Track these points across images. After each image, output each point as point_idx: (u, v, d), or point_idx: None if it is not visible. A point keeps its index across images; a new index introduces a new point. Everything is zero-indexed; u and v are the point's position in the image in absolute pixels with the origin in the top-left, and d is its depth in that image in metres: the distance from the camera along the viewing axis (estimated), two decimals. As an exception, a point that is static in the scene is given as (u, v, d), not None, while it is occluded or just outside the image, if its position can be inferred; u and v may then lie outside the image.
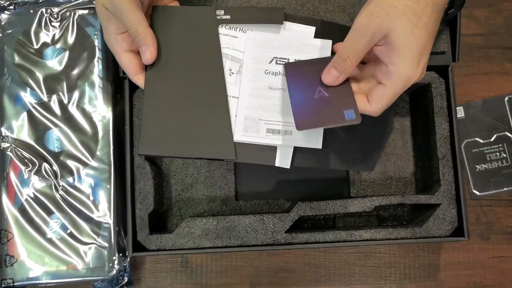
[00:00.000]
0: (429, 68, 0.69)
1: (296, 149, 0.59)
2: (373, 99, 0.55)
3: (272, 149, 0.58)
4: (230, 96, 0.58)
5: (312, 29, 0.59)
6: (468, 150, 0.77)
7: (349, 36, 0.54)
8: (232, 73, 0.59)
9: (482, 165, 0.77)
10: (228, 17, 0.59)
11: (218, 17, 0.59)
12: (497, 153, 0.77)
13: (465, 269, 0.75)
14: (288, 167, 0.58)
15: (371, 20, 0.52)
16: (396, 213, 0.74)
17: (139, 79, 0.58)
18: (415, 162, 0.75)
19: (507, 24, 0.79)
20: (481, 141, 0.77)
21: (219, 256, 0.75)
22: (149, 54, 0.57)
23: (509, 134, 0.77)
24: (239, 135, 0.58)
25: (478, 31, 0.79)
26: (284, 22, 0.59)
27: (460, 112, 0.77)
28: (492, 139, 0.77)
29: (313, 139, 0.59)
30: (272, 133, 0.58)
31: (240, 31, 0.59)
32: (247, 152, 0.58)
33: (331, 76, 0.56)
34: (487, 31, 0.79)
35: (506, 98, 0.77)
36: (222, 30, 0.59)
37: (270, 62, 0.59)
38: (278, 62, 0.59)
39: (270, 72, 0.59)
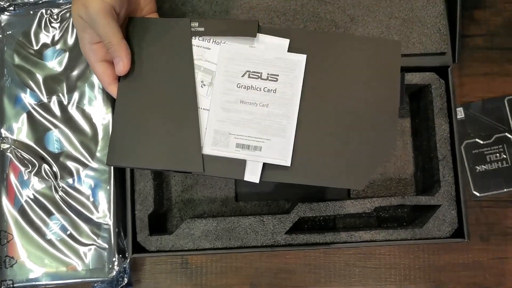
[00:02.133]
0: (429, 69, 0.70)
1: (267, 162, 0.57)
2: None
3: (241, 163, 0.57)
4: (201, 108, 0.58)
5: (286, 42, 0.58)
6: (468, 151, 0.77)
7: None
8: (204, 85, 0.58)
9: (482, 166, 0.77)
10: (202, 29, 0.58)
11: (192, 29, 0.59)
12: (497, 154, 0.77)
13: (465, 270, 0.75)
14: (257, 181, 0.57)
15: None
16: (396, 214, 0.74)
17: (112, 90, 0.58)
18: (415, 163, 0.75)
19: (507, 25, 0.79)
20: (481, 142, 0.77)
21: (219, 257, 0.75)
22: (122, 66, 0.57)
23: (509, 135, 0.77)
24: (208, 149, 0.57)
25: (478, 32, 0.79)
26: (258, 34, 0.58)
27: (460, 113, 0.77)
28: (492, 140, 0.77)
29: (282, 156, 0.57)
30: (242, 148, 0.57)
31: (214, 43, 0.59)
32: (216, 166, 0.57)
33: None
34: (487, 32, 0.79)
35: (506, 99, 0.77)
36: (195, 41, 0.59)
37: (242, 76, 0.58)
38: (250, 76, 0.58)
39: (242, 86, 0.58)
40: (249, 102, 0.58)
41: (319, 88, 0.58)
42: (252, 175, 0.57)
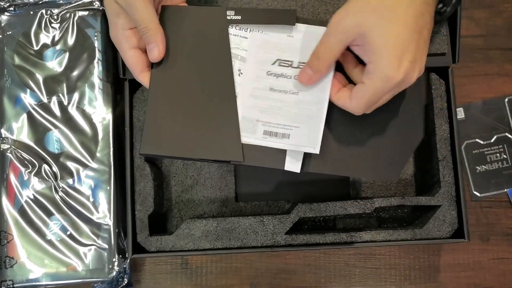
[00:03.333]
0: (429, 69, 0.70)
1: (307, 153, 0.57)
2: (353, 96, 0.54)
3: (282, 152, 0.56)
4: (238, 97, 0.58)
5: (323, 30, 0.56)
6: (469, 151, 0.77)
7: (324, 35, 0.53)
8: (241, 73, 0.58)
9: (483, 166, 0.77)
10: (239, 17, 0.58)
11: (228, 18, 0.58)
12: (497, 154, 0.77)
13: (465, 270, 0.75)
14: (298, 171, 0.56)
15: (344, 18, 0.51)
16: (396, 215, 0.74)
17: (144, 78, 0.57)
18: (415, 164, 0.75)
19: (507, 26, 0.79)
20: (481, 142, 0.77)
21: (219, 258, 0.75)
22: (157, 52, 0.56)
23: (509, 135, 0.77)
24: (244, 137, 0.57)
25: (478, 32, 0.79)
26: (296, 24, 0.58)
27: (460, 113, 0.77)
28: (492, 140, 0.77)
29: (311, 143, 0.56)
30: (269, 135, 0.57)
31: (250, 32, 0.59)
32: (255, 155, 0.56)
33: (305, 75, 0.56)
34: (487, 32, 0.79)
35: (506, 99, 0.77)
36: (232, 30, 0.58)
37: (273, 64, 0.58)
38: (281, 64, 0.58)
39: (272, 73, 0.58)
40: (278, 90, 0.58)
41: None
42: (293, 164, 0.57)
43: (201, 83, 0.57)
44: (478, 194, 0.76)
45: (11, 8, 0.71)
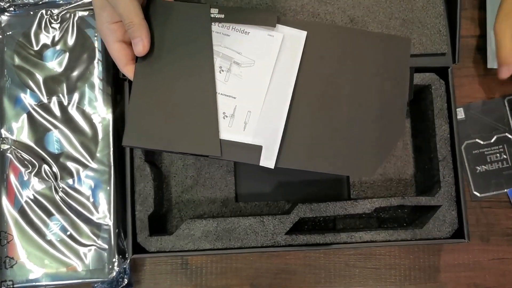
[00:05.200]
0: (429, 69, 0.70)
1: (282, 149, 0.59)
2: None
3: (257, 148, 0.58)
4: (219, 93, 0.59)
5: (303, 33, 0.60)
6: (469, 152, 0.77)
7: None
8: (222, 70, 0.59)
9: (483, 166, 0.77)
10: (222, 16, 0.59)
11: (212, 15, 0.59)
12: (498, 154, 0.77)
13: (465, 270, 0.75)
14: (272, 167, 0.58)
15: None
16: (396, 215, 0.74)
17: (128, 71, 0.58)
18: (415, 164, 0.75)
19: (507, 26, 0.79)
20: (482, 142, 0.77)
21: (219, 258, 0.75)
22: (141, 46, 0.56)
23: (509, 135, 0.77)
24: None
25: (478, 32, 0.78)
26: (277, 25, 0.60)
27: (461, 114, 0.77)
28: (492, 140, 0.77)
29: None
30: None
31: (233, 30, 0.59)
32: (232, 150, 0.58)
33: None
34: (486, 33, 0.78)
35: (506, 99, 0.77)
36: (215, 27, 0.59)
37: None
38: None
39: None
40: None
41: (328, 78, 0.60)
42: (268, 160, 0.58)
43: (183, 78, 0.59)
44: (478, 194, 0.76)
45: (11, 9, 0.71)
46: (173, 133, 0.58)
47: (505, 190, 0.76)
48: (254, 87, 0.59)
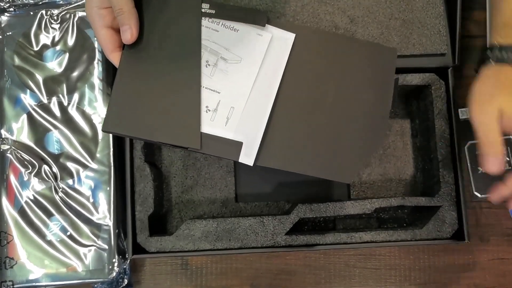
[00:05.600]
0: (429, 69, 0.70)
1: (263, 147, 0.59)
2: None
3: (238, 144, 0.58)
4: (203, 87, 0.59)
5: (292, 35, 0.61)
6: (471, 152, 0.76)
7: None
8: (209, 64, 0.59)
9: (484, 167, 0.76)
10: (213, 11, 0.60)
11: (203, 10, 0.60)
12: (500, 156, 0.76)
13: (465, 271, 0.75)
14: (251, 164, 0.58)
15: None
16: (396, 215, 0.74)
17: (114, 57, 0.58)
18: (415, 164, 0.75)
19: (507, 26, 0.79)
20: (484, 143, 0.77)
21: (219, 258, 0.75)
22: (129, 34, 0.56)
23: (512, 138, 0.76)
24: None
25: (478, 32, 0.78)
26: (266, 25, 0.60)
27: (465, 114, 0.77)
28: (495, 142, 0.77)
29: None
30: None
31: (223, 26, 0.60)
32: (212, 144, 0.58)
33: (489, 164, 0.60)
34: (486, 33, 0.78)
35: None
36: (205, 22, 0.60)
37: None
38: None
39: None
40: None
41: (313, 81, 0.61)
42: (247, 157, 0.59)
43: (169, 69, 0.59)
44: (478, 195, 0.76)
45: (11, 9, 0.71)
46: (154, 123, 0.57)
47: (506, 191, 0.76)
48: (239, 84, 0.59)
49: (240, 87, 0.59)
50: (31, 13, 0.71)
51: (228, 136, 0.58)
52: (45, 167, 0.69)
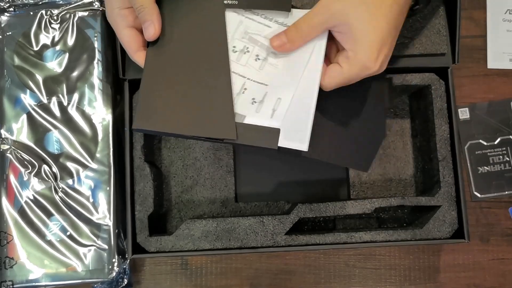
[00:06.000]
0: (429, 69, 0.70)
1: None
2: (328, 75, 0.57)
3: (275, 131, 0.56)
4: (251, 80, 0.58)
5: None
6: (471, 152, 0.77)
7: (310, 11, 0.55)
8: (258, 59, 0.59)
9: (485, 167, 0.77)
10: (236, 2, 0.59)
11: (225, 2, 0.59)
12: (500, 156, 0.76)
13: (465, 271, 0.75)
14: (306, 149, 0.56)
15: (333, 3, 0.54)
16: (396, 215, 0.74)
17: (139, 57, 0.58)
18: (415, 164, 0.75)
19: (507, 26, 0.79)
20: (485, 143, 0.77)
21: (219, 258, 0.75)
22: (152, 30, 0.56)
23: (513, 138, 0.77)
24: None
25: (478, 32, 0.78)
26: (292, 9, 0.59)
27: (466, 114, 0.77)
28: (496, 142, 0.77)
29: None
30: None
31: (275, 22, 0.59)
32: (248, 134, 0.56)
33: (278, 40, 0.57)
34: (486, 33, 0.78)
35: (512, 102, 0.77)
36: (257, 18, 0.59)
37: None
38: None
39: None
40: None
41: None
42: (300, 143, 0.56)
43: (196, 62, 0.58)
44: (478, 195, 0.76)
45: (11, 9, 0.71)
46: (186, 117, 0.56)
47: (506, 192, 0.76)
48: (288, 76, 0.58)
49: (288, 79, 0.58)
50: (31, 13, 0.71)
51: (273, 125, 0.56)
52: (45, 167, 0.69)
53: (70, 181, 0.69)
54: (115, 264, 0.68)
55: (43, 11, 0.70)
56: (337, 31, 0.55)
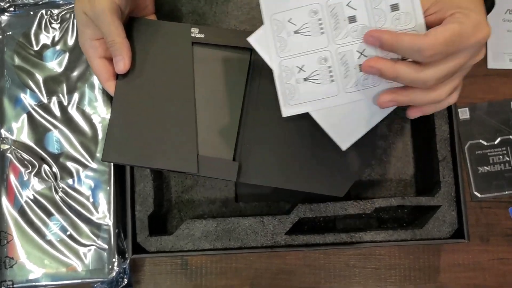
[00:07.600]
0: (429, 69, 0.70)
1: (247, 164, 0.60)
2: (431, 32, 0.47)
3: (234, 165, 0.59)
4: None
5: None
6: (472, 152, 0.77)
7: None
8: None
9: (485, 167, 0.77)
10: (203, 36, 0.61)
11: (193, 35, 0.61)
12: (500, 156, 0.76)
13: (465, 271, 0.75)
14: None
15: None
16: (396, 215, 0.74)
17: (110, 86, 0.59)
18: (415, 164, 0.75)
19: (508, 26, 0.79)
20: (485, 143, 0.77)
21: (219, 258, 0.75)
22: (122, 65, 0.58)
23: (513, 138, 0.77)
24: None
25: (478, 32, 0.78)
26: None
27: (466, 114, 0.77)
28: (496, 142, 0.77)
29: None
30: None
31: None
32: (209, 167, 0.59)
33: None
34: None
35: None
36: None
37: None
38: None
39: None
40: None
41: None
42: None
43: (163, 96, 0.60)
44: (478, 195, 0.76)
45: (11, 9, 0.71)
46: (152, 150, 0.59)
47: (506, 192, 0.76)
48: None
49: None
50: (31, 13, 0.71)
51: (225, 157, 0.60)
52: (45, 166, 0.69)
53: (70, 181, 0.69)
54: (115, 264, 0.69)
55: (43, 11, 0.71)
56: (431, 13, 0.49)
